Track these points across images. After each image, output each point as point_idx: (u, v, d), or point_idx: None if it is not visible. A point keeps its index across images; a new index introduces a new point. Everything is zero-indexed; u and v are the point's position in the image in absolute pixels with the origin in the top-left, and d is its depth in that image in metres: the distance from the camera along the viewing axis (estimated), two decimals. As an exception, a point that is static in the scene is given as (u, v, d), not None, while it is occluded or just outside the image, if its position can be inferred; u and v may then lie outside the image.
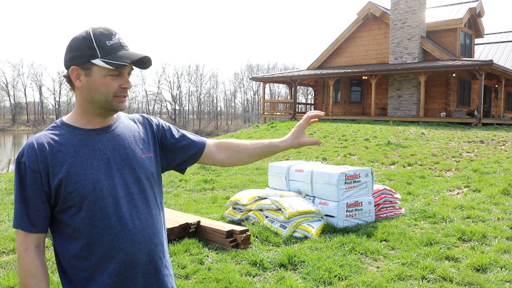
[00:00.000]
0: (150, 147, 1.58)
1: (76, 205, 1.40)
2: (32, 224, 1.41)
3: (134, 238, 1.45)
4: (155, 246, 1.51)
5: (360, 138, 13.62)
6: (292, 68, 77.39)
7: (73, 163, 1.41)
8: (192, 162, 1.71)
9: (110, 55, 1.40)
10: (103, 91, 1.43)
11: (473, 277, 3.89)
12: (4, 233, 5.37)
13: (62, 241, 1.45)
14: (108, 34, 1.42)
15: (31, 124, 70.33)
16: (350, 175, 5.65)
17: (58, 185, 1.39)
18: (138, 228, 1.46)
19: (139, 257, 1.46)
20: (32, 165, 1.39)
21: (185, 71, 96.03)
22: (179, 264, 4.27)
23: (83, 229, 1.41)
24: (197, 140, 1.71)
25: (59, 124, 1.49)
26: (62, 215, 1.43)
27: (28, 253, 1.40)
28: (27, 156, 1.40)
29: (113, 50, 1.41)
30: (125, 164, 1.48)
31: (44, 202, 1.41)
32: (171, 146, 1.65)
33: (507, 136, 12.78)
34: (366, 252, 4.60)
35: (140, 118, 1.65)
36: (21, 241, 1.41)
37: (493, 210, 6.14)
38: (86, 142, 1.46)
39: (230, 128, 66.64)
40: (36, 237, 1.42)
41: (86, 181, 1.40)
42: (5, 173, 11.99)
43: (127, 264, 1.44)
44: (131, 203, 1.47)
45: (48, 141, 1.42)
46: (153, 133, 1.62)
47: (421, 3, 20.58)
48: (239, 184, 8.53)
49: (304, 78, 24.14)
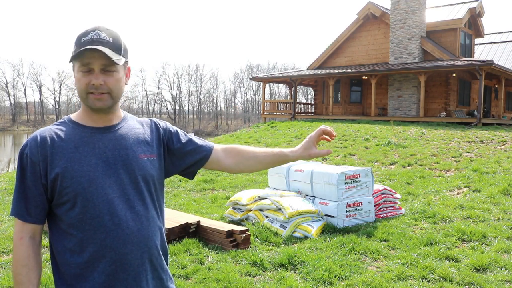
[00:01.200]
0: (154, 150, 1.57)
1: (70, 200, 1.42)
2: (29, 214, 1.43)
3: (126, 239, 1.44)
4: (148, 249, 1.49)
5: (360, 138, 13.61)
6: (292, 68, 77.40)
7: (72, 158, 1.43)
8: (199, 167, 1.70)
9: (78, 50, 1.42)
10: (78, 87, 1.46)
11: (473, 277, 3.89)
12: (4, 233, 5.37)
13: (57, 235, 1.46)
14: (87, 31, 1.45)
15: (31, 124, 70.31)
16: (350, 175, 5.65)
17: (54, 179, 1.41)
18: (132, 229, 1.45)
19: (131, 258, 1.44)
20: (32, 157, 1.43)
21: (185, 71, 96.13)
22: (179, 264, 4.27)
23: (76, 225, 1.42)
24: (204, 144, 1.69)
25: (65, 121, 1.53)
26: (58, 210, 1.45)
27: (22, 242, 1.43)
28: (29, 148, 1.44)
29: (82, 45, 1.42)
30: (124, 165, 1.47)
31: (41, 194, 1.43)
32: (177, 151, 1.64)
33: (507, 136, 12.78)
34: (366, 252, 4.60)
35: (148, 121, 1.65)
36: (17, 230, 1.44)
37: (493, 210, 6.14)
38: (88, 139, 1.47)
39: (230, 128, 66.62)
40: (32, 227, 1.44)
41: (81, 177, 1.41)
42: (5, 173, 11.98)
43: (118, 264, 1.43)
44: (126, 203, 1.46)
45: (50, 135, 1.45)
46: (159, 137, 1.61)
47: (421, 3, 20.58)
48: (239, 184, 8.53)
49: (304, 78, 24.14)
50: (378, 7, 22.01)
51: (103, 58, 1.42)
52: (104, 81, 1.44)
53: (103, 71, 1.44)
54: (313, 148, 1.68)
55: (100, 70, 1.43)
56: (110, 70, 1.45)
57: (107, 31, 1.47)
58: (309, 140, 1.68)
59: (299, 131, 15.76)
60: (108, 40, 1.44)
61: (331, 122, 18.24)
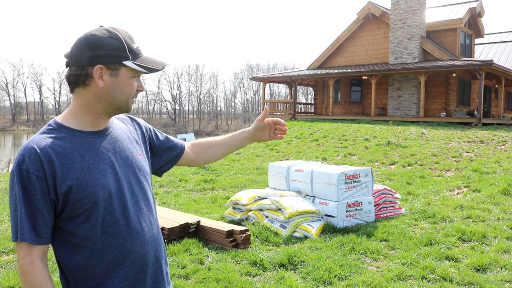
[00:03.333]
0: (143, 148, 1.60)
1: (85, 212, 1.35)
2: (38, 235, 1.31)
3: (143, 240, 1.45)
4: (159, 246, 1.53)
5: (360, 138, 13.61)
6: (292, 68, 77.41)
7: (81, 168, 1.36)
8: (172, 165, 1.76)
9: (138, 58, 1.42)
10: (127, 92, 1.43)
11: (473, 277, 3.89)
12: (4, 233, 5.37)
13: (67, 251, 1.38)
14: (131, 37, 1.45)
15: (31, 124, 70.32)
16: (350, 175, 5.65)
17: (66, 192, 1.32)
18: (145, 229, 1.47)
19: (148, 258, 1.47)
20: (37, 172, 1.30)
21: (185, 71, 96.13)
22: (179, 264, 4.27)
23: (92, 236, 1.36)
24: (177, 142, 1.76)
25: (56, 127, 1.41)
26: (67, 224, 1.36)
27: (34, 266, 1.31)
28: (30, 162, 1.30)
29: (138, 53, 1.44)
30: (127, 167, 1.47)
31: (50, 211, 1.33)
32: (157, 148, 1.69)
33: (507, 136, 12.78)
34: (366, 252, 4.60)
35: (128, 119, 1.65)
36: (25, 254, 1.31)
37: (493, 210, 6.14)
38: (89, 146, 1.41)
39: (230, 128, 66.64)
40: (42, 248, 1.33)
41: (96, 186, 1.36)
42: (5, 173, 11.99)
43: (138, 267, 1.44)
44: (136, 205, 1.46)
45: (51, 146, 1.34)
46: (143, 135, 1.64)
47: (421, 3, 20.57)
48: (239, 184, 8.53)
49: (304, 78, 24.14)
50: (378, 7, 22.01)
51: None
52: None
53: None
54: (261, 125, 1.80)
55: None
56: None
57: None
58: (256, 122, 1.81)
59: (299, 131, 15.75)
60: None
61: (331, 122, 18.24)
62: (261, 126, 1.80)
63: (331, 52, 23.82)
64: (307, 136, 14.74)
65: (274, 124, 1.80)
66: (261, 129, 1.80)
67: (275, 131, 1.81)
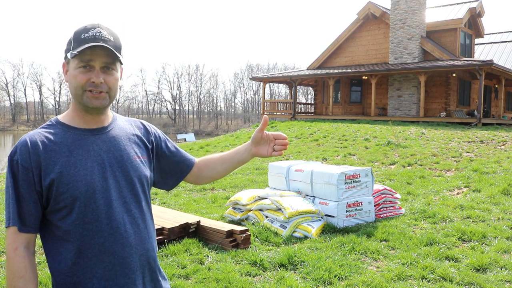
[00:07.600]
0: (144, 152, 1.56)
1: (67, 206, 1.36)
2: (23, 223, 1.36)
3: (125, 242, 1.41)
4: (146, 251, 1.48)
5: (360, 138, 13.61)
6: (292, 68, 77.41)
7: (66, 163, 1.37)
8: (178, 179, 1.71)
9: (79, 46, 1.37)
10: (74, 84, 1.41)
11: (473, 277, 3.89)
12: (4, 233, 5.37)
13: (52, 242, 1.41)
14: (87, 28, 1.40)
15: (31, 124, 70.29)
16: (350, 175, 5.65)
17: (49, 185, 1.35)
18: (130, 232, 1.43)
19: (130, 261, 1.42)
20: (24, 163, 1.35)
21: (185, 71, 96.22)
22: (179, 264, 4.27)
23: (73, 231, 1.37)
24: (188, 157, 1.71)
25: (54, 123, 1.46)
26: (53, 216, 1.39)
27: (17, 253, 1.35)
28: (20, 153, 1.36)
29: (83, 41, 1.37)
30: (119, 167, 1.45)
31: (35, 201, 1.37)
32: (164, 158, 1.65)
33: (507, 136, 12.78)
34: (366, 252, 4.60)
35: (138, 122, 1.63)
36: (11, 240, 1.36)
37: (493, 210, 6.14)
38: (81, 142, 1.42)
39: (230, 128, 66.60)
40: (26, 237, 1.37)
41: (79, 182, 1.37)
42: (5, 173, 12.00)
43: (117, 269, 1.40)
44: (123, 206, 1.44)
45: (41, 139, 1.39)
46: (148, 139, 1.60)
47: (421, 3, 20.58)
48: (239, 184, 8.53)
49: (304, 78, 24.14)
50: (378, 7, 22.01)
51: (106, 56, 1.39)
52: (104, 79, 1.40)
53: (103, 70, 1.41)
54: (259, 141, 1.66)
55: (101, 68, 1.40)
56: (111, 69, 1.42)
57: (107, 29, 1.44)
58: (254, 136, 1.66)
59: (299, 131, 15.76)
60: (110, 39, 1.41)
61: (331, 122, 18.24)
62: (258, 138, 1.64)
63: (331, 52, 23.83)
64: (307, 136, 14.74)
65: (275, 138, 1.65)
66: (258, 141, 1.65)
67: (274, 146, 1.65)
